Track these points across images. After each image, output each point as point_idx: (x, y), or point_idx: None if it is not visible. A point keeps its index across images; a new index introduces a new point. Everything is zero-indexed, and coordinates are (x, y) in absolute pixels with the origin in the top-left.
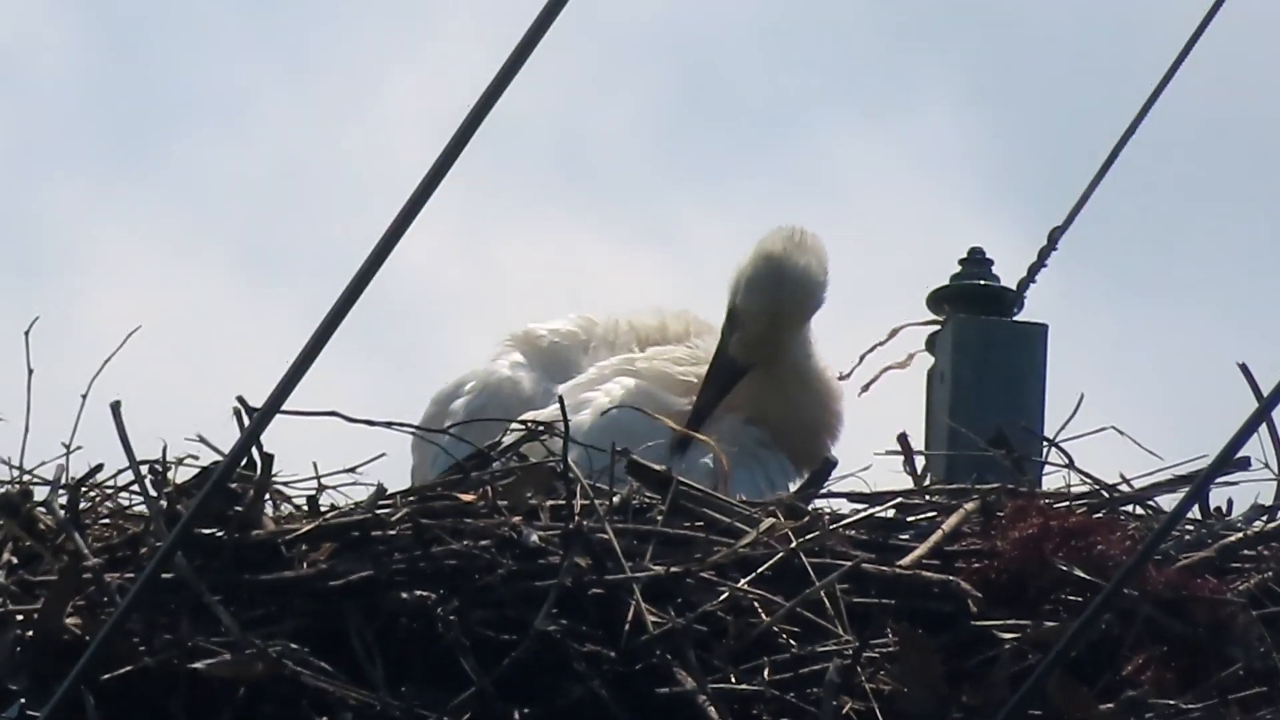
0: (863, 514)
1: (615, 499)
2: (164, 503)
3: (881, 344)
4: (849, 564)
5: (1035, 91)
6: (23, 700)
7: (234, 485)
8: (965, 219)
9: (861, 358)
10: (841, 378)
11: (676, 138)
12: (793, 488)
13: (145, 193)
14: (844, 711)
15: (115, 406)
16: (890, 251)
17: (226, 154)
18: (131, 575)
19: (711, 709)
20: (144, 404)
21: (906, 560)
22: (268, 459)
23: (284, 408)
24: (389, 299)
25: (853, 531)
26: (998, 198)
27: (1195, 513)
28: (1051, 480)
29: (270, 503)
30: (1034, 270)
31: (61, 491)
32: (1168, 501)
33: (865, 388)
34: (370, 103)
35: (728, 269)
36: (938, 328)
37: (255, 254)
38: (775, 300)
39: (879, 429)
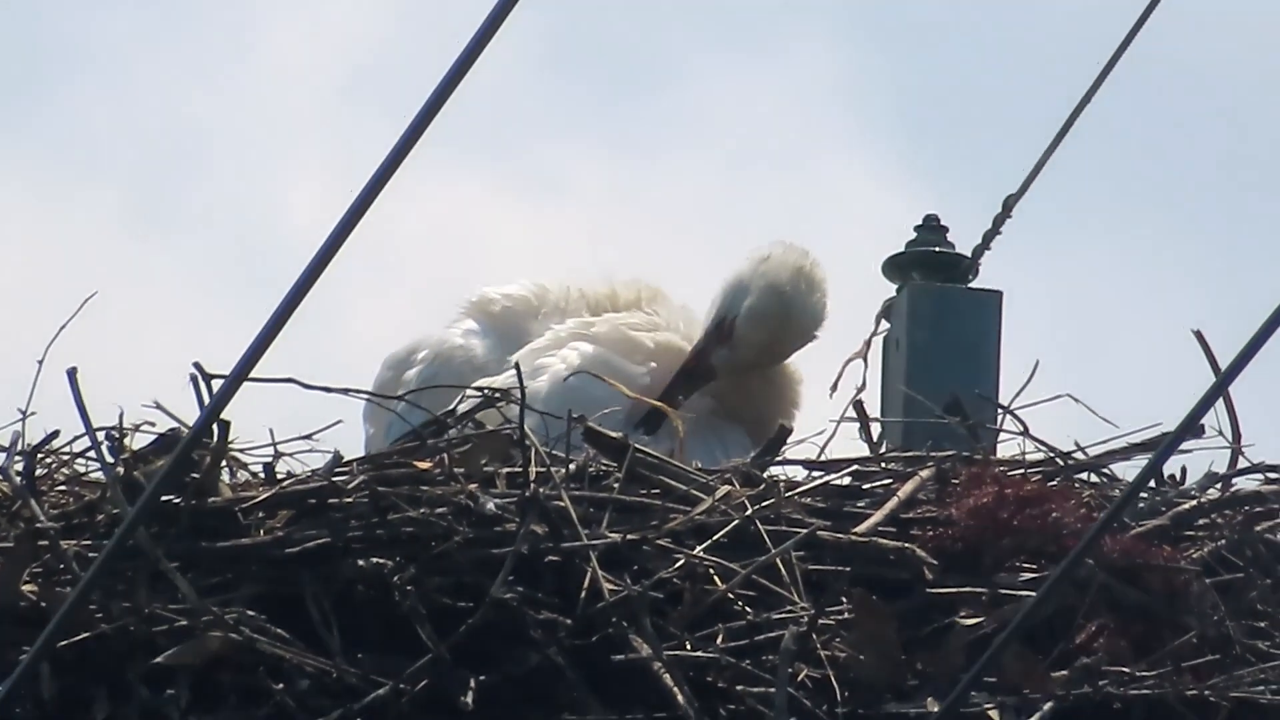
0: (818, 481)
1: (571, 466)
2: (121, 470)
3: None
4: (805, 531)
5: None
6: None
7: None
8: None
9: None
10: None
11: (554, 83)
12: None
13: (26, 145)
14: (799, 679)
15: (72, 373)
16: (771, 192)
17: (109, 105)
18: (89, 542)
19: (667, 676)
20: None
21: (862, 527)
22: (225, 426)
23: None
24: (274, 258)
25: (808, 499)
26: (872, 135)
27: (1150, 480)
28: (1006, 447)
29: (227, 470)
30: (989, 237)
31: (18, 458)
32: (1122, 469)
33: (833, 387)
34: (252, 55)
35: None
36: (893, 293)
37: (142, 206)
38: (781, 336)
39: (834, 395)
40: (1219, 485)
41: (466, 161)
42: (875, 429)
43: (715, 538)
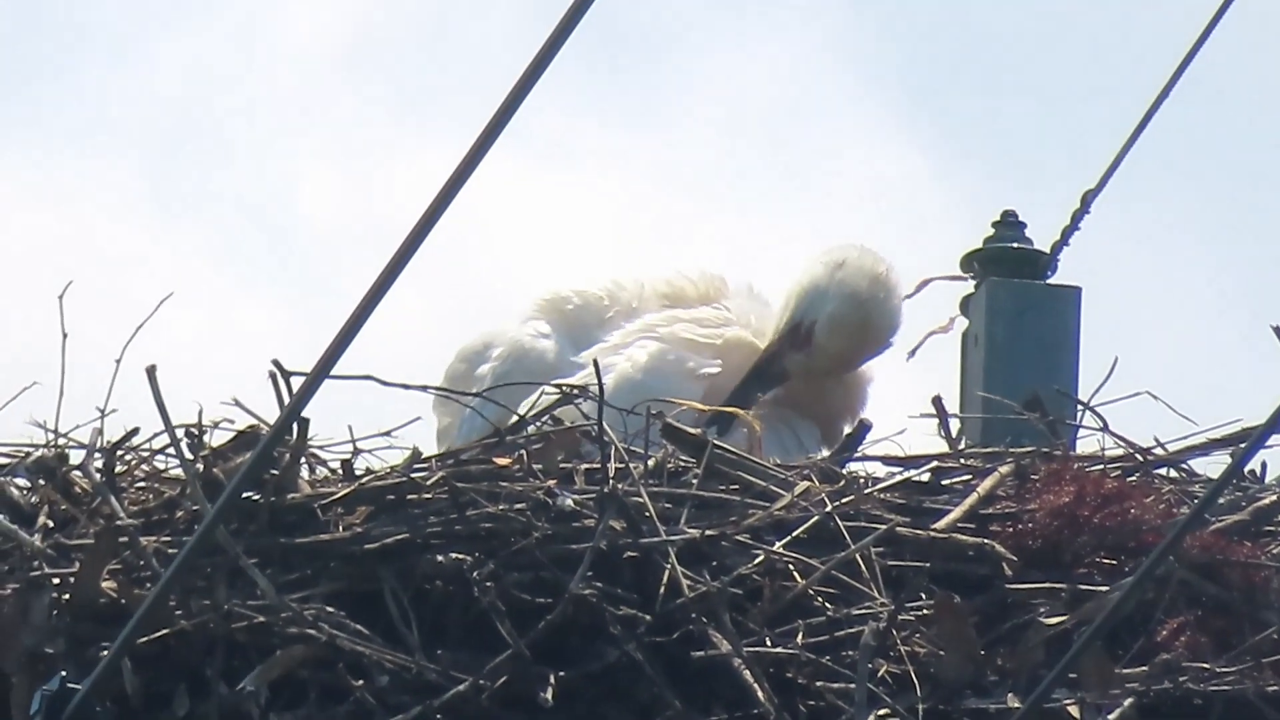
0: (898, 477)
1: (650, 462)
2: (200, 467)
3: (909, 296)
4: (884, 527)
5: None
6: (64, 672)
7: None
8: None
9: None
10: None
11: (570, 53)
12: (818, 451)
13: (43, 125)
14: (879, 674)
15: (151, 371)
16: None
17: (124, 84)
18: (168, 539)
19: (746, 672)
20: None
21: (941, 523)
22: (304, 423)
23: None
24: (286, 237)
25: (887, 495)
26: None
27: (1233, 480)
28: (1086, 444)
29: (306, 467)
30: (1067, 233)
31: (97, 455)
32: (1202, 465)
33: (911, 353)
34: (266, 32)
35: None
36: (970, 289)
37: (158, 187)
38: (859, 343)
39: (913, 392)
40: None
41: (469, 134)
42: (954, 425)
43: (795, 534)
